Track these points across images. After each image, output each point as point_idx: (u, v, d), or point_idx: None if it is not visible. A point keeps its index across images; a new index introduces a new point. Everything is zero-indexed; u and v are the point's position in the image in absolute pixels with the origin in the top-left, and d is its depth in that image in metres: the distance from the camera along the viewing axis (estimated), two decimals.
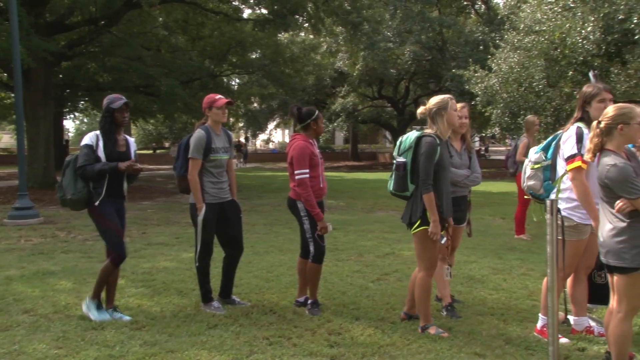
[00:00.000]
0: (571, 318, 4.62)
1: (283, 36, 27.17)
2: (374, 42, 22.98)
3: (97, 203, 4.87)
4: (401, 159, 4.54)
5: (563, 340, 4.27)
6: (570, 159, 4.18)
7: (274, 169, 34.48)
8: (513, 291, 5.84)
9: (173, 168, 5.40)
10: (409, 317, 4.90)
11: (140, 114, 24.79)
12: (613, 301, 3.66)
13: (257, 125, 37.41)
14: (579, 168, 4.10)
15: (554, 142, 4.51)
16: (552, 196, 4.35)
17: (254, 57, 25.02)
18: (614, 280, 3.58)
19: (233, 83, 29.76)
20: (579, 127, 4.23)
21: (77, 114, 34.45)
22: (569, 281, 4.54)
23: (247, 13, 25.06)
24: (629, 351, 3.67)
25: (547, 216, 3.81)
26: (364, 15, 21.55)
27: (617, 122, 3.54)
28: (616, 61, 12.88)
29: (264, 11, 21.38)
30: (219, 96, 5.21)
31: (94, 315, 4.89)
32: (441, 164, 4.47)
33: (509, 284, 6.14)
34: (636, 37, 11.24)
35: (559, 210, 4.22)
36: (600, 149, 3.60)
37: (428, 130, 4.55)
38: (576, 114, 4.39)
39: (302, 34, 29.76)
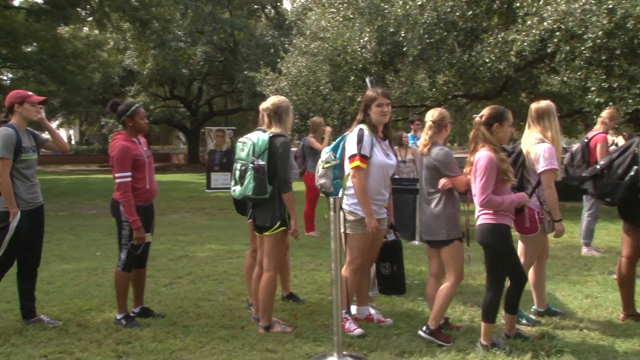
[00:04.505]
0: (354, 308, 4.92)
1: (64, 30, 25.25)
2: (164, 40, 22.46)
3: None
4: (261, 162, 4.41)
5: (358, 330, 4.53)
6: (351, 158, 4.47)
7: (56, 172, 31.87)
8: (303, 286, 6.08)
9: None
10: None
11: None
12: (432, 268, 4.54)
13: (34, 125, 34.26)
14: (358, 167, 4.41)
15: (341, 143, 4.77)
16: (341, 193, 4.61)
17: (29, 50, 22.83)
18: (442, 254, 4.35)
19: (5, 78, 26.89)
20: (360, 129, 4.53)
21: None
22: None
23: (18, 1, 22.88)
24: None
25: (331, 213, 4.04)
26: (152, 13, 20.95)
27: (446, 122, 4.40)
28: (390, 69, 14.08)
29: (39, 0, 19.67)
30: (30, 92, 4.79)
31: None
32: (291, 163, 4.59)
33: (299, 279, 6.38)
34: (404, 49, 12.39)
35: (341, 207, 4.50)
36: (432, 143, 4.34)
37: (274, 130, 4.54)
38: (359, 116, 4.69)
39: (86, 28, 27.94)
